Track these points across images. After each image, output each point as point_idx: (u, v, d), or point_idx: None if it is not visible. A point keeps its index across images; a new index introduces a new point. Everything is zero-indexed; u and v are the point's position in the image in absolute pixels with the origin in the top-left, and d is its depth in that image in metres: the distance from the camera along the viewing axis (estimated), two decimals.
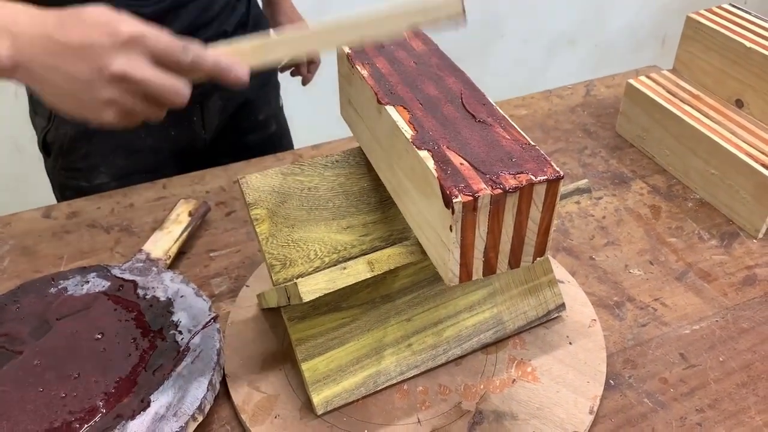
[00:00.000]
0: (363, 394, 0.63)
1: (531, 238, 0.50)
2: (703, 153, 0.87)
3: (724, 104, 0.91)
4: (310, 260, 0.63)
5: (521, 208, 0.47)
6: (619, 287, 0.77)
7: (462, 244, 0.47)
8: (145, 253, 0.77)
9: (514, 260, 0.50)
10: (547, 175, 0.47)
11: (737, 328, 0.72)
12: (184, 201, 0.84)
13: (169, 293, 0.72)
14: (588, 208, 0.87)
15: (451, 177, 0.47)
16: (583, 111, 1.06)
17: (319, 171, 0.65)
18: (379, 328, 0.65)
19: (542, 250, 0.51)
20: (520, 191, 0.47)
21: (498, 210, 0.47)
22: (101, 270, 0.74)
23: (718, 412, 0.64)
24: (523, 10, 2.11)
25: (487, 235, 0.48)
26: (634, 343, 0.70)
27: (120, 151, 0.97)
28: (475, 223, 0.47)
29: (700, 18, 0.93)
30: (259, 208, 0.62)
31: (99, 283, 0.73)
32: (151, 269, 0.75)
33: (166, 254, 0.77)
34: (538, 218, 0.49)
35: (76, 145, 0.95)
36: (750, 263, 0.80)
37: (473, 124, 0.52)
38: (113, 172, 0.98)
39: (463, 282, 0.50)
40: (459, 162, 0.48)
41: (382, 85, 0.57)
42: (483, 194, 0.46)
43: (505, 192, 0.46)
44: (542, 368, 0.66)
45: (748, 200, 0.82)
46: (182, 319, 0.69)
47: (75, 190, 0.99)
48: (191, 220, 0.81)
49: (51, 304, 0.70)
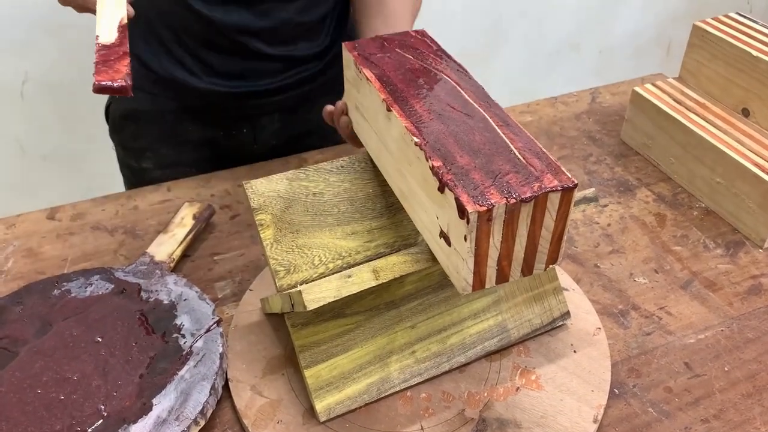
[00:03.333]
0: (366, 401, 0.63)
1: (544, 246, 0.50)
2: (708, 161, 0.86)
3: (730, 113, 0.91)
4: (314, 266, 0.62)
5: (535, 217, 0.47)
6: (624, 295, 0.76)
7: (476, 253, 0.47)
8: (149, 255, 0.77)
9: (527, 268, 0.50)
10: (562, 183, 0.47)
11: (742, 338, 0.72)
12: (188, 204, 0.84)
13: (172, 296, 0.72)
14: (593, 216, 0.87)
15: (465, 186, 0.47)
16: (588, 118, 1.06)
17: (324, 176, 0.65)
18: (383, 335, 0.64)
19: (555, 258, 0.51)
20: (534, 201, 0.46)
21: (512, 219, 0.47)
22: (105, 272, 0.74)
23: (723, 422, 0.64)
24: (527, 16, 2.11)
25: (501, 244, 0.48)
26: (639, 351, 0.70)
27: (165, 141, 0.99)
28: (490, 233, 0.46)
29: (706, 26, 0.93)
30: (263, 213, 0.62)
31: (102, 286, 0.73)
32: (154, 272, 0.75)
33: (170, 257, 0.77)
34: (551, 227, 0.49)
35: (125, 123, 0.99)
36: (755, 272, 0.79)
37: (484, 131, 0.52)
38: (158, 160, 1.00)
39: (475, 290, 0.50)
40: (472, 170, 0.48)
41: (390, 90, 0.57)
42: (498, 204, 0.45)
43: (520, 202, 0.46)
44: (546, 376, 0.66)
45: (754, 209, 0.82)
46: (185, 323, 0.68)
47: (128, 168, 1.03)
48: (195, 223, 0.81)
49: (54, 306, 0.70)
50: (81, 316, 0.69)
